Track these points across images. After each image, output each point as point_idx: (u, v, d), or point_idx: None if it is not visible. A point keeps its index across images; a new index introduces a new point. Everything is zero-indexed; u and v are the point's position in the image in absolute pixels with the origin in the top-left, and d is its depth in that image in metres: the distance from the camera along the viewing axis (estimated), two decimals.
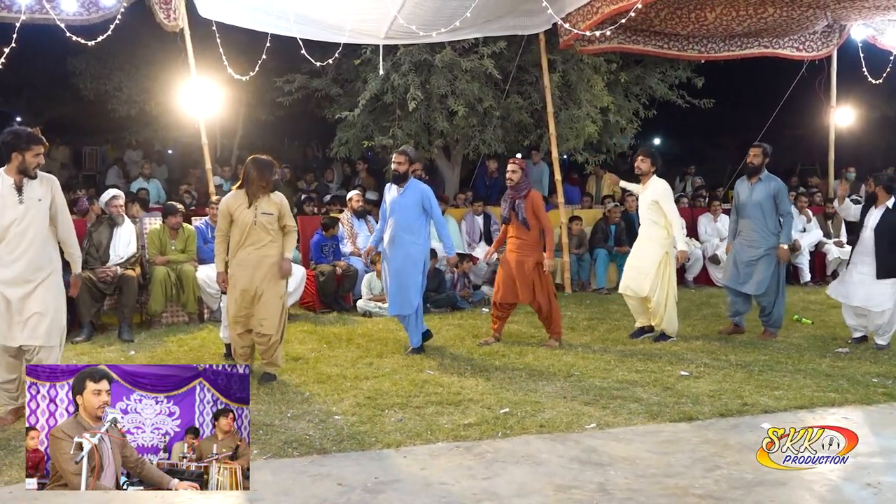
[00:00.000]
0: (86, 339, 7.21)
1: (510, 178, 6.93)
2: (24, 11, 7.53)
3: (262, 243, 5.70)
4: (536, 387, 5.58)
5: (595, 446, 4.38)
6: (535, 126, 11.44)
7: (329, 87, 11.47)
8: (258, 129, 15.22)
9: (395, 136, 10.50)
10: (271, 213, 5.73)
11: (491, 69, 10.08)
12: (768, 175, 7.22)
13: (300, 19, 8.85)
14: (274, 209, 5.76)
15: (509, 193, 6.97)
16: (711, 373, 5.98)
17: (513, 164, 6.94)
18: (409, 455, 4.25)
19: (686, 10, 9.46)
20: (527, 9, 9.44)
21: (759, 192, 7.13)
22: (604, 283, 10.28)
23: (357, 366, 6.20)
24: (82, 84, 13.31)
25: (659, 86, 12.14)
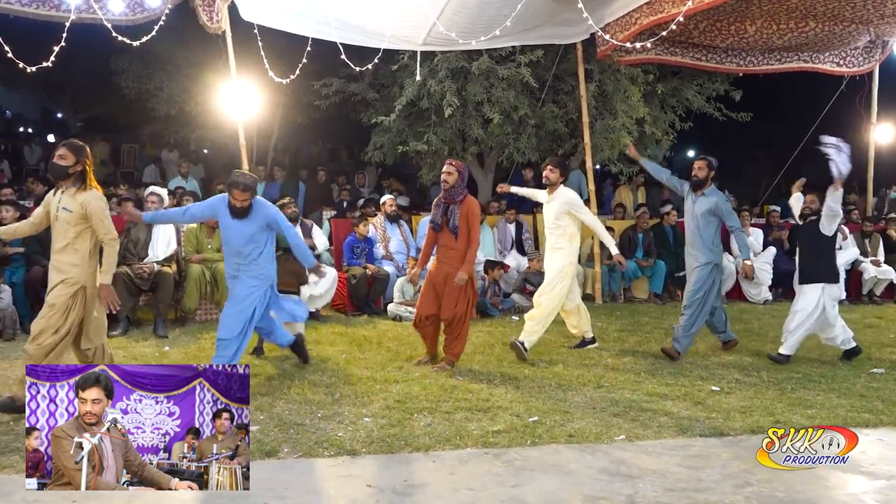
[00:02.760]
0: (122, 333, 7.34)
1: (445, 179, 6.27)
2: (74, 11, 7.70)
3: (58, 245, 4.93)
4: (566, 396, 5.57)
5: (624, 458, 4.37)
6: (569, 135, 11.44)
7: (365, 92, 11.57)
8: (293, 131, 15.38)
9: (430, 142, 10.56)
10: (70, 209, 4.88)
11: (527, 77, 10.09)
12: (713, 189, 6.98)
13: (341, 25, 8.95)
14: (75, 206, 4.88)
15: (442, 197, 6.37)
16: (742, 389, 5.93)
17: (449, 166, 6.31)
18: (438, 460, 4.27)
19: (726, 23, 9.41)
20: (565, 18, 9.45)
21: (700, 206, 6.91)
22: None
23: (387, 369, 6.24)
24: (124, 83, 13.55)
25: (696, 98, 12.06)
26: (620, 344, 7.56)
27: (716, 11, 8.83)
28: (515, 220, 10.66)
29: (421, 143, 10.60)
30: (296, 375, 5.93)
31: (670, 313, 9.48)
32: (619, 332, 8.17)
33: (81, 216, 4.88)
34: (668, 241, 10.68)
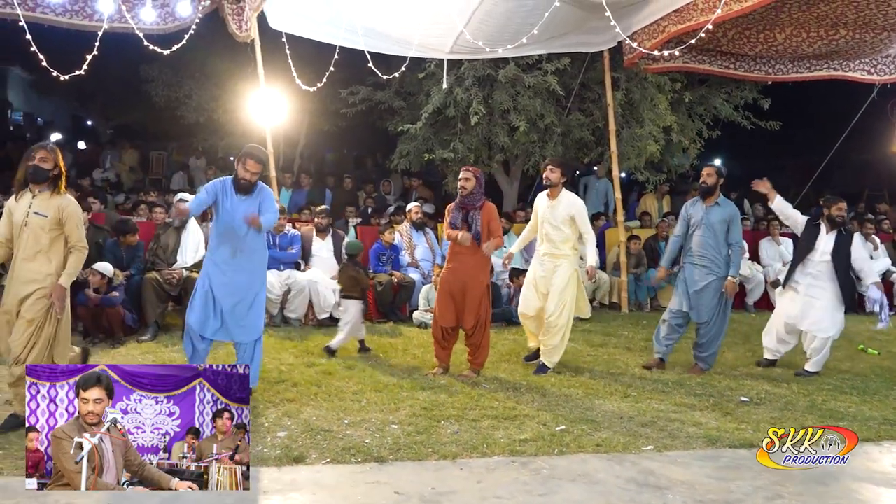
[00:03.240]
0: (151, 338, 7.40)
1: (463, 186, 6.24)
2: (106, 21, 7.82)
3: (28, 252, 4.71)
4: (592, 405, 5.55)
5: (653, 468, 4.34)
6: (595, 143, 11.40)
7: (392, 100, 11.62)
8: (320, 138, 15.47)
9: (456, 150, 10.58)
10: (45, 214, 4.69)
11: (554, 85, 10.08)
12: (725, 199, 6.82)
13: (368, 33, 9.01)
14: (50, 211, 4.70)
15: (461, 203, 6.31)
16: (773, 400, 5.87)
17: (466, 172, 6.31)
18: (466, 467, 4.26)
19: (755, 31, 9.34)
20: (593, 26, 9.44)
21: (714, 216, 6.66)
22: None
23: (413, 376, 6.24)
24: (154, 91, 13.72)
25: (724, 106, 11.97)
26: (647, 354, 7.49)
27: (745, 19, 8.77)
28: None
29: (447, 151, 10.62)
30: (322, 382, 5.94)
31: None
32: (646, 341, 8.10)
33: (57, 221, 4.69)
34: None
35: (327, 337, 7.69)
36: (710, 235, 6.66)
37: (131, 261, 7.86)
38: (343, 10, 8.71)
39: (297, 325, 8.43)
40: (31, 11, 7.66)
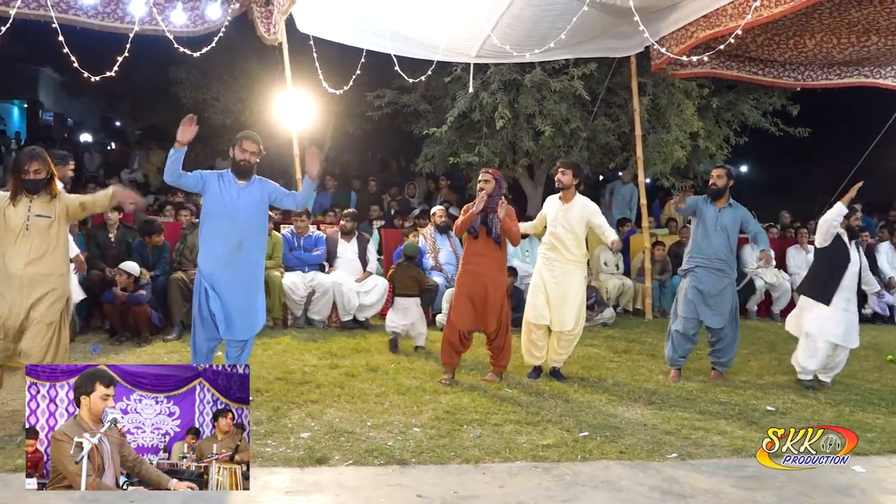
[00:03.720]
0: (176, 337, 7.47)
1: (482, 188, 6.15)
2: (137, 23, 7.91)
3: (36, 254, 4.67)
4: (616, 412, 5.52)
5: (677, 476, 4.30)
6: (621, 149, 11.36)
7: (417, 103, 11.65)
8: (345, 141, 15.55)
9: (481, 154, 10.58)
10: (48, 215, 4.72)
11: (580, 90, 10.06)
12: (734, 202, 6.72)
13: (395, 36, 9.04)
14: (53, 211, 4.74)
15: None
16: (799, 410, 5.80)
17: (485, 174, 6.22)
18: (488, 472, 4.25)
19: (784, 37, 9.25)
20: (620, 31, 9.40)
21: (727, 218, 6.57)
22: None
23: (436, 379, 6.23)
24: (182, 93, 13.86)
25: (752, 112, 11.88)
26: None
27: (774, 25, 8.69)
28: None
29: (472, 155, 10.63)
30: (345, 384, 5.96)
31: None
32: None
33: (63, 216, 4.75)
34: None
35: (351, 339, 7.75)
36: (724, 238, 6.57)
37: (157, 261, 7.94)
38: (370, 14, 8.75)
39: (321, 326, 8.47)
40: (63, 13, 7.77)
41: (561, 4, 8.24)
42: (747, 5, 7.73)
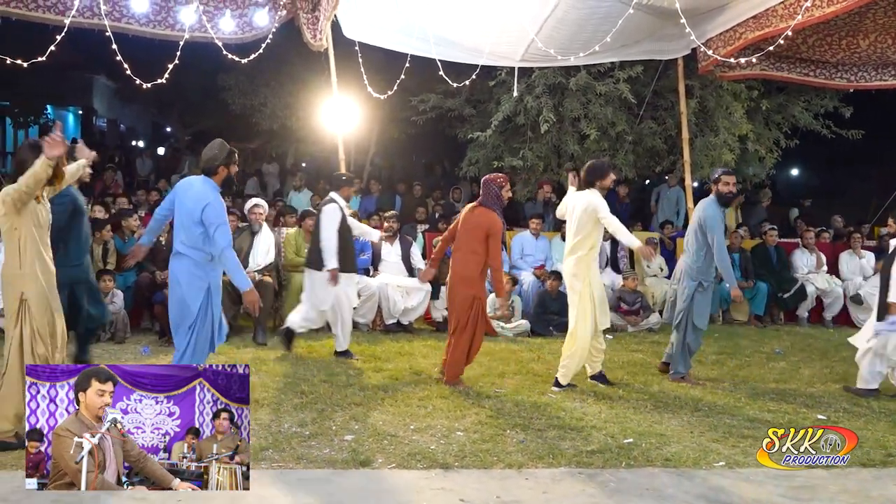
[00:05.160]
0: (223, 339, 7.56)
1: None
2: (188, 30, 8.06)
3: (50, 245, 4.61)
4: (662, 419, 5.44)
5: (724, 486, 4.22)
6: (668, 152, 11.22)
7: (462, 108, 11.67)
8: (390, 145, 15.66)
9: (525, 158, 10.55)
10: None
11: (626, 93, 9.97)
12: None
13: (440, 41, 9.06)
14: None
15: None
16: (851, 419, 5.65)
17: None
18: (532, 477, 4.23)
19: (836, 38, 9.06)
20: (667, 33, 9.30)
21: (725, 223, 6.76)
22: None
23: (479, 384, 6.23)
24: (230, 99, 14.10)
25: (803, 115, 11.63)
26: (719, 367, 7.34)
27: (826, 26, 8.52)
28: (611, 237, 10.47)
29: (516, 159, 10.61)
30: (389, 387, 6.00)
31: (771, 337, 9.16)
32: (718, 354, 7.93)
33: None
34: (770, 261, 10.32)
35: (394, 342, 7.78)
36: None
37: None
38: (415, 19, 8.79)
39: (366, 329, 8.52)
40: (116, 21, 7.94)
41: (606, 7, 8.18)
42: (798, 5, 7.60)
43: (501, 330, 8.48)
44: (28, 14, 7.56)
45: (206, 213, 5.03)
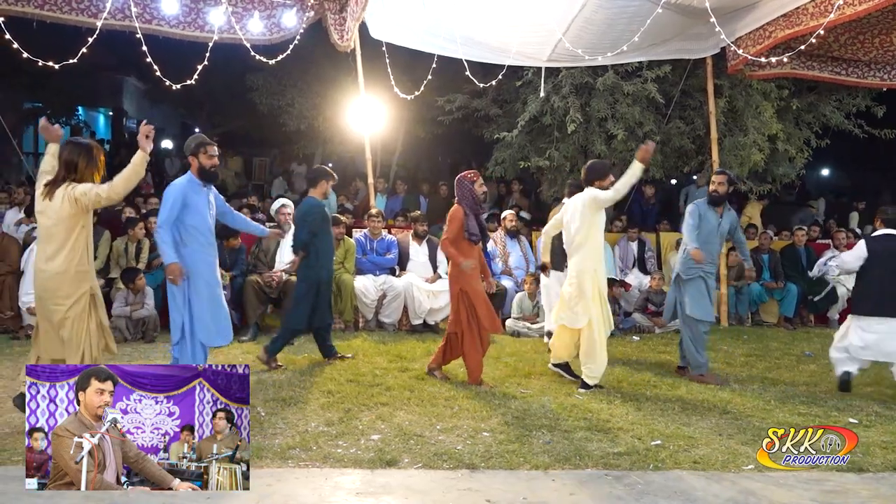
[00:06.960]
0: (251, 339, 7.64)
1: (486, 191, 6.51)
2: (217, 31, 8.14)
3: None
4: (690, 421, 5.39)
5: (753, 489, 4.17)
6: (696, 152, 11.10)
7: (488, 108, 11.64)
8: (416, 145, 15.66)
9: (552, 158, 10.51)
10: None
11: (654, 93, 9.89)
12: (729, 207, 6.86)
13: (466, 41, 9.06)
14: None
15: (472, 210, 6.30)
16: (884, 422, 5.55)
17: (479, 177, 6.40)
18: (558, 479, 4.21)
19: (869, 36, 8.92)
20: (695, 32, 9.22)
21: (726, 224, 6.73)
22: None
23: (505, 384, 6.22)
24: (258, 99, 14.18)
25: (834, 114, 11.44)
26: (748, 369, 7.26)
27: (858, 23, 8.39)
28: (638, 237, 10.43)
29: (543, 159, 10.57)
30: (415, 387, 6.00)
31: (801, 339, 9.04)
32: (747, 356, 7.85)
33: None
34: (800, 262, 10.20)
35: (420, 343, 7.79)
36: (720, 244, 6.83)
37: (234, 263, 8.14)
38: (442, 20, 8.79)
39: (392, 329, 8.55)
40: (147, 23, 8.04)
41: (634, 7, 8.13)
42: (830, 3, 7.49)
43: (527, 330, 8.46)
44: (62, 17, 7.70)
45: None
